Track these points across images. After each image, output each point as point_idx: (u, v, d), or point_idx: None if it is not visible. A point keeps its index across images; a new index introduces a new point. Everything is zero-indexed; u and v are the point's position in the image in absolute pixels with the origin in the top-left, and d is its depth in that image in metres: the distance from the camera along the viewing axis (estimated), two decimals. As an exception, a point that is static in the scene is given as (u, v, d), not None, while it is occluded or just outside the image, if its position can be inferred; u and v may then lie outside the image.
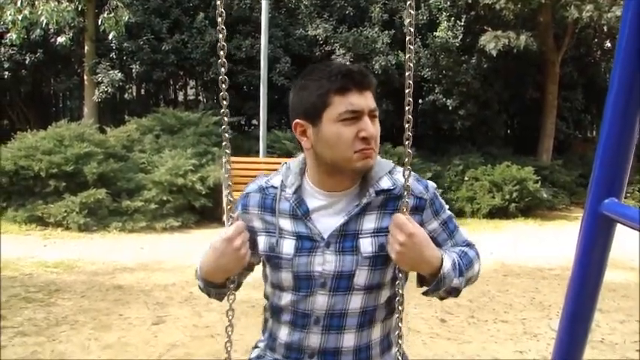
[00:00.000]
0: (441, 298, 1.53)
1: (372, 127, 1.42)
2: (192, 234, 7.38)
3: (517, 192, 9.09)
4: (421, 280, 1.49)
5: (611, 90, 1.70)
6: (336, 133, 1.42)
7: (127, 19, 8.41)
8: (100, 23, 8.44)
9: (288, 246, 1.50)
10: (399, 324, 1.46)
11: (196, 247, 6.67)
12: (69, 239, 6.82)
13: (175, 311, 4.43)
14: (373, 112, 1.44)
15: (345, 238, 1.48)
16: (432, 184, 1.57)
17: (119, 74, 9.00)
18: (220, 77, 1.46)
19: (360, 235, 1.48)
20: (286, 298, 1.53)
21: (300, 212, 1.50)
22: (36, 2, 8.03)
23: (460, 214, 9.19)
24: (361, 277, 1.48)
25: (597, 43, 12.42)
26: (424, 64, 9.21)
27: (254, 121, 10.37)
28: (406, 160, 1.39)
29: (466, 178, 9.61)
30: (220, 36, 1.39)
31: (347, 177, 1.49)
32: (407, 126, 1.38)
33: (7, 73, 9.61)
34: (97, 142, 7.90)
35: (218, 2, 1.36)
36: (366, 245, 1.47)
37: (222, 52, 1.40)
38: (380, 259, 1.47)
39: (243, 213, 1.55)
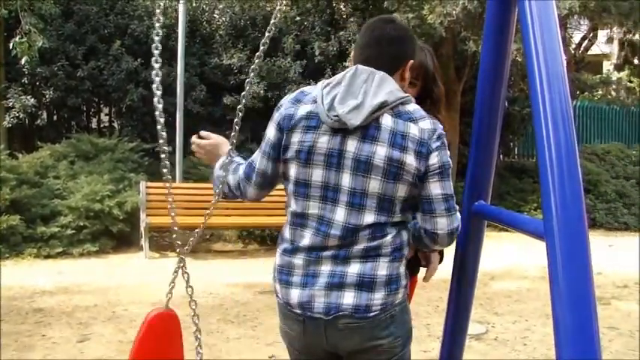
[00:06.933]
0: None
1: None
2: (110, 259, 7.43)
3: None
4: None
5: (475, 117, 2.17)
6: None
7: (40, 44, 8.40)
8: (11, 47, 8.37)
9: None
10: None
11: (115, 270, 6.76)
12: (-20, 266, 6.71)
13: (99, 329, 4.57)
14: None
15: None
16: None
17: (32, 100, 8.93)
18: (240, 106, 1.99)
19: None
20: None
21: None
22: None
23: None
24: None
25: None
26: (335, 93, 9.69)
27: (169, 148, 10.49)
28: None
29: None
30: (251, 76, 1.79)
31: None
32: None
33: None
34: (9, 168, 7.81)
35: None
36: None
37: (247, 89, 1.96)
38: None
39: None
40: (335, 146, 1.73)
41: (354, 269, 1.74)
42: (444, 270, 3.41)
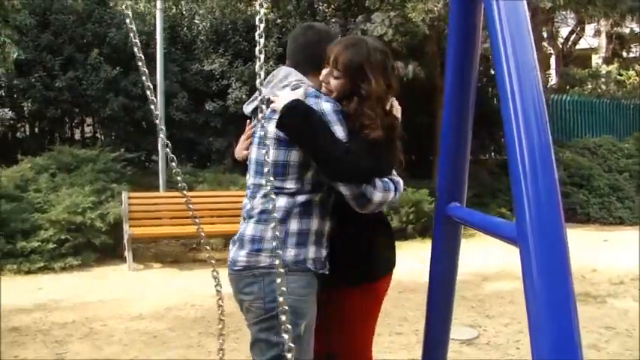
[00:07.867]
0: None
1: None
2: (93, 272, 7.23)
3: (413, 214, 9.43)
4: None
5: (444, 120, 2.01)
6: None
7: (16, 55, 8.22)
8: (-14, 60, 8.19)
9: None
10: None
11: (97, 284, 6.57)
12: (-43, 285, 6.51)
13: (75, 347, 4.38)
14: None
15: None
16: None
17: (10, 112, 8.76)
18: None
19: None
20: None
21: None
22: None
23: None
24: None
25: (482, 70, 13.31)
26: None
27: (154, 157, 10.32)
28: None
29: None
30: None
31: None
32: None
33: None
34: (-12, 183, 7.63)
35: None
36: None
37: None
38: None
39: None
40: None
41: (239, 227, 2.06)
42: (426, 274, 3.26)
